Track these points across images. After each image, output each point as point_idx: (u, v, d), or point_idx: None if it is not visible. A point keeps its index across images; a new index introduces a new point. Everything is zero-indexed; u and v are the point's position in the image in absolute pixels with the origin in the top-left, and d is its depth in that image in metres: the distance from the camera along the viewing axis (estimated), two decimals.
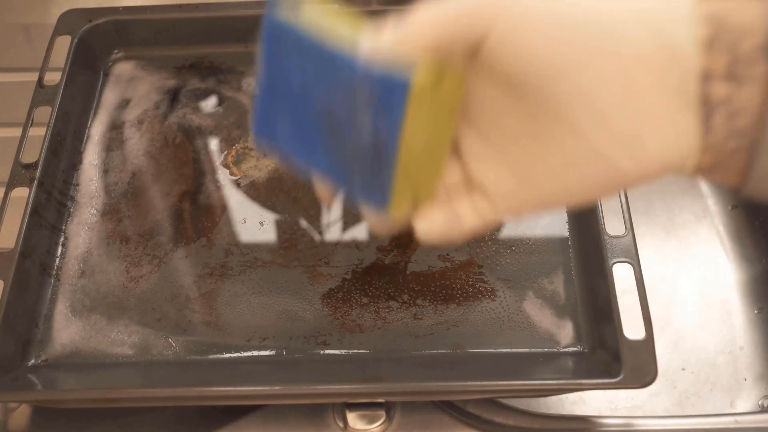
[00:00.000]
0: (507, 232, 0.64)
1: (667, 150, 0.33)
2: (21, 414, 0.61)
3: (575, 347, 0.58)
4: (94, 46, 0.75)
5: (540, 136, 0.34)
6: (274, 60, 0.36)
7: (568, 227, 0.64)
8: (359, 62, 0.33)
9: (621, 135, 0.32)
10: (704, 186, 0.83)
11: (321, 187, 0.40)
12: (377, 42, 0.34)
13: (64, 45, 0.73)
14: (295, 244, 0.64)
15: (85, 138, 0.71)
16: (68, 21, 0.75)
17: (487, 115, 0.36)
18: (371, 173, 0.35)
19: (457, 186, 0.39)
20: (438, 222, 0.38)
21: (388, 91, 0.33)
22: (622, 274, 0.57)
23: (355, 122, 0.35)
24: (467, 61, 0.35)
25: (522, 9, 0.32)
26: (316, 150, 0.37)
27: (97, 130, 0.72)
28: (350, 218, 0.65)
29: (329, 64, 0.34)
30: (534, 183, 0.36)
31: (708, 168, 0.33)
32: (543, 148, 0.34)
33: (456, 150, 0.38)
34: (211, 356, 0.59)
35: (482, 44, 0.33)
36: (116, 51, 0.77)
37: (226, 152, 0.70)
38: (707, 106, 0.32)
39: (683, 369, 0.74)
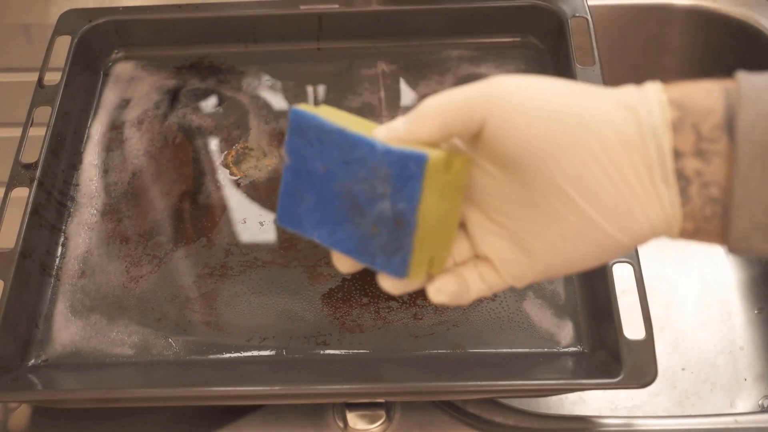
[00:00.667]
0: None
1: (652, 218, 0.37)
2: (21, 414, 0.61)
3: (575, 347, 0.58)
4: (94, 46, 0.75)
5: (536, 211, 0.38)
6: (298, 149, 0.40)
7: None
8: (379, 144, 0.38)
9: (610, 206, 0.37)
10: None
11: (339, 260, 0.43)
12: (390, 129, 0.39)
13: (64, 45, 0.73)
14: (295, 244, 0.64)
15: (85, 138, 0.71)
16: (68, 21, 0.75)
17: (489, 193, 0.40)
18: (391, 244, 0.39)
19: (465, 258, 0.43)
20: (449, 288, 0.42)
21: (408, 169, 0.37)
22: (622, 274, 0.57)
23: (375, 199, 0.39)
24: (470, 144, 0.40)
25: (515, 100, 0.37)
26: (337, 229, 0.41)
27: (97, 130, 0.72)
28: None
29: (350, 147, 0.39)
30: (534, 255, 0.40)
31: (691, 232, 0.38)
32: (540, 222, 0.39)
33: (463, 227, 0.43)
34: (211, 356, 0.59)
35: (482, 130, 0.38)
36: (116, 51, 0.77)
37: (226, 152, 0.70)
38: (683, 179, 0.36)
39: (683, 369, 0.74)
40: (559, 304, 0.60)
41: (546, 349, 0.58)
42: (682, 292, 0.79)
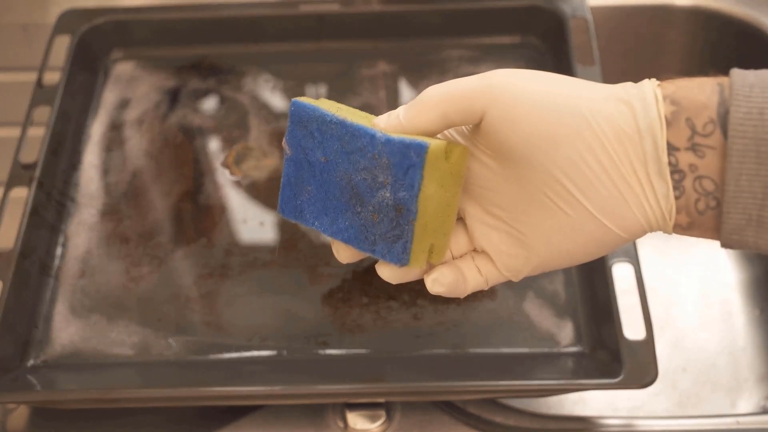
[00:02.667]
0: None
1: (647, 211, 0.38)
2: (20, 415, 0.60)
3: (575, 347, 0.58)
4: (94, 46, 0.75)
5: (533, 204, 0.39)
6: (298, 140, 0.41)
7: None
8: (379, 133, 0.39)
9: (606, 199, 0.38)
10: None
11: (339, 250, 0.43)
12: (390, 118, 0.40)
13: (63, 45, 0.73)
14: (295, 245, 0.64)
15: (85, 138, 0.71)
16: (68, 21, 0.75)
17: (487, 187, 0.41)
18: (392, 232, 0.40)
19: (463, 251, 0.43)
20: (447, 279, 0.42)
21: (409, 158, 0.38)
22: (622, 274, 0.57)
23: (376, 188, 0.39)
24: (468, 137, 0.41)
25: (515, 92, 0.38)
26: (338, 219, 0.41)
27: (97, 130, 0.72)
28: None
29: (351, 138, 0.40)
30: (530, 248, 0.40)
31: (685, 226, 0.38)
32: (536, 214, 0.39)
33: (461, 221, 0.43)
34: (211, 356, 0.58)
35: (481, 121, 0.39)
36: (116, 51, 0.77)
37: (226, 152, 0.70)
38: (677, 173, 0.37)
39: (684, 369, 0.74)
40: (559, 304, 0.60)
41: (546, 349, 0.58)
42: (682, 292, 0.79)
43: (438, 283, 0.42)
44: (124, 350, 0.59)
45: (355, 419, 0.57)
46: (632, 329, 0.54)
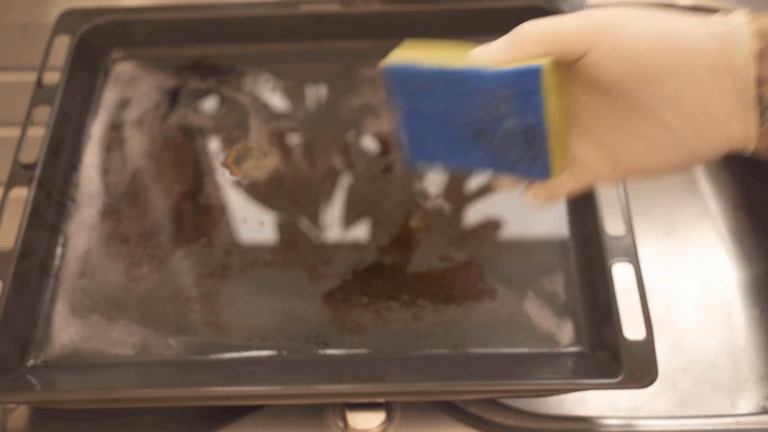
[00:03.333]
0: (507, 232, 0.64)
1: (732, 136, 0.41)
2: (19, 415, 0.60)
3: (575, 347, 0.58)
4: (94, 46, 0.75)
5: (629, 128, 0.43)
6: (405, 99, 0.44)
7: (568, 227, 0.64)
8: (486, 71, 0.41)
9: (700, 125, 0.41)
10: (705, 185, 0.83)
11: (499, 180, 0.48)
12: (489, 54, 0.42)
13: (63, 45, 0.73)
14: (296, 245, 0.64)
15: (85, 138, 0.71)
16: (68, 21, 0.75)
17: (586, 112, 0.45)
18: (527, 154, 0.43)
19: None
20: (563, 183, 0.47)
21: (528, 84, 0.40)
22: (622, 274, 0.57)
23: (499, 119, 0.42)
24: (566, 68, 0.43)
25: (622, 29, 0.41)
26: (470, 154, 0.44)
27: (97, 130, 0.71)
28: (351, 217, 0.65)
29: (459, 82, 0.42)
30: (621, 163, 0.45)
31: (764, 150, 0.42)
32: (631, 136, 0.43)
33: None
34: (211, 356, 0.58)
35: (583, 56, 0.41)
36: (116, 51, 0.77)
37: (226, 152, 0.70)
38: (762, 104, 0.40)
39: (684, 369, 0.74)
40: (559, 304, 0.60)
41: (546, 349, 0.58)
42: (682, 292, 0.79)
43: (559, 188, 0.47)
44: (124, 350, 0.59)
45: (355, 419, 0.57)
46: (632, 329, 0.54)
